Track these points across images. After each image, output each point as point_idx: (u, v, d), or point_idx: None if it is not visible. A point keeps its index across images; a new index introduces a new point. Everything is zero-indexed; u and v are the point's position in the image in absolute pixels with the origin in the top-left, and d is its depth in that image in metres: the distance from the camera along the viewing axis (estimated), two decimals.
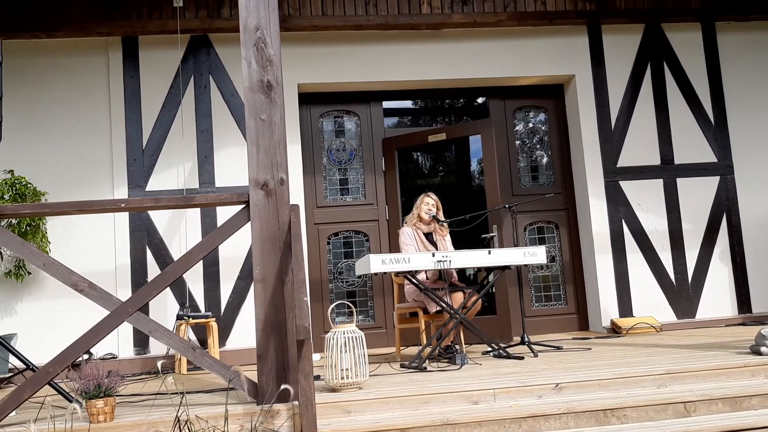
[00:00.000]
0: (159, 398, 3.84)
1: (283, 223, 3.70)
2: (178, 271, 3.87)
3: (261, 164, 3.73)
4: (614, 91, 6.89)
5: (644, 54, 6.95)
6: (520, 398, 3.57)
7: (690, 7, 6.86)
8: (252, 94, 3.76)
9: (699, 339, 5.38)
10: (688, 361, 4.05)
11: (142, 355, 6.02)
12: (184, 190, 6.23)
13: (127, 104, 6.28)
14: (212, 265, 6.18)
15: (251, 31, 3.78)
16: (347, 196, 6.94)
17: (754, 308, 6.78)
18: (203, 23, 6.26)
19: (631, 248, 6.71)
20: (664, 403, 3.44)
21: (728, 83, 7.01)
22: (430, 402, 3.53)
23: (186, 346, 3.83)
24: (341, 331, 3.88)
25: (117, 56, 6.32)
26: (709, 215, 6.86)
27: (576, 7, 6.72)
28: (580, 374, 3.82)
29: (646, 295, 6.67)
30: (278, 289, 3.64)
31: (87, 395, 3.35)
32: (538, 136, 7.27)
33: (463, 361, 4.65)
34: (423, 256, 4.83)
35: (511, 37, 6.81)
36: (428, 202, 5.59)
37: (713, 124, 6.95)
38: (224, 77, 6.42)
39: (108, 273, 6.04)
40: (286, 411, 3.37)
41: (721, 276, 6.80)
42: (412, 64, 6.70)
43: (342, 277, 6.83)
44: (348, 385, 3.78)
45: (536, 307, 6.98)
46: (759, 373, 3.82)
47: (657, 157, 6.87)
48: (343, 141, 7.00)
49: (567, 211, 7.10)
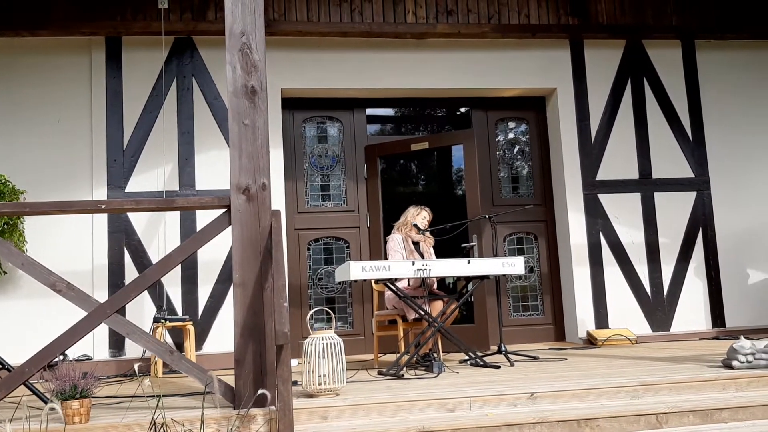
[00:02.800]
0: (135, 401, 3.82)
1: (264, 229, 3.70)
2: (157, 274, 3.86)
3: (243, 169, 3.74)
4: (595, 105, 6.98)
5: (625, 69, 7.05)
6: (496, 407, 3.60)
7: (670, 24, 6.98)
8: (236, 98, 3.77)
9: (673, 352, 5.45)
10: (661, 374, 4.11)
11: (117, 357, 5.97)
12: (164, 191, 6.20)
13: (108, 104, 6.25)
14: (190, 268, 6.15)
15: (237, 37, 3.79)
16: (329, 203, 6.95)
17: (728, 322, 6.88)
18: (188, 26, 6.25)
19: (608, 260, 6.79)
20: (636, 415, 3.48)
21: (706, 100, 7.13)
22: (406, 409, 3.55)
23: (163, 349, 3.82)
24: (320, 337, 3.89)
25: (100, 56, 6.29)
26: (686, 230, 6.96)
27: (559, 21, 6.81)
28: (555, 384, 3.86)
29: (622, 307, 6.74)
30: (257, 294, 3.64)
31: (62, 396, 3.33)
32: (519, 147, 7.34)
33: (441, 369, 4.68)
34: (403, 264, 4.86)
35: (495, 48, 6.88)
36: (425, 215, 5.68)
37: (691, 140, 7.06)
38: (207, 80, 6.41)
39: (85, 273, 5.99)
40: (263, 416, 3.37)
41: (696, 290, 6.90)
42: (396, 73, 6.73)
43: (321, 283, 6.83)
44: (325, 391, 3.78)
45: (514, 317, 7.03)
46: (730, 386, 3.88)
47: (635, 171, 6.96)
48: (325, 147, 7.01)
49: (546, 222, 7.17)
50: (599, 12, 6.87)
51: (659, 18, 6.96)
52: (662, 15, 6.97)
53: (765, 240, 7.03)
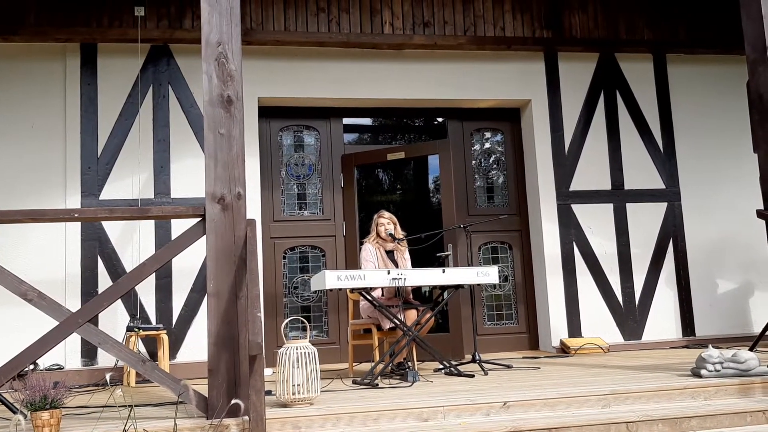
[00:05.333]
0: (106, 411, 3.78)
1: (239, 238, 3.71)
2: (131, 282, 3.85)
3: (218, 178, 3.74)
4: (568, 117, 7.07)
5: (598, 82, 7.16)
6: (469, 416, 3.62)
7: (642, 38, 7.11)
8: (212, 108, 3.77)
9: (644, 360, 5.52)
10: (631, 382, 4.16)
11: (89, 366, 5.91)
12: (139, 200, 6.16)
13: (83, 111, 6.20)
14: (164, 277, 6.11)
15: (213, 46, 3.79)
16: (305, 211, 6.95)
17: (698, 332, 6.99)
18: (164, 33, 6.23)
19: (581, 270, 6.87)
20: (607, 423, 3.52)
21: (677, 113, 7.27)
22: (379, 419, 3.56)
23: (136, 359, 3.80)
24: (294, 346, 3.89)
25: (75, 63, 6.24)
26: (657, 240, 7.07)
27: (534, 34, 6.90)
28: (528, 393, 3.90)
29: (595, 316, 6.82)
30: (232, 304, 3.64)
31: (32, 407, 3.28)
32: (495, 156, 7.41)
33: (415, 378, 4.70)
34: (378, 273, 4.88)
35: (471, 60, 6.95)
36: (382, 222, 5.65)
37: (662, 152, 7.19)
38: (184, 88, 6.39)
39: (57, 282, 5.92)
40: (236, 426, 3.36)
41: (666, 299, 7.00)
42: (373, 83, 6.77)
43: (297, 292, 6.82)
44: (299, 400, 3.78)
45: (488, 326, 7.08)
46: (698, 395, 3.95)
47: (608, 182, 7.06)
48: (302, 155, 7.02)
49: (520, 232, 7.24)
50: (573, 26, 6.98)
51: (631, 32, 7.09)
52: (634, 29, 7.10)
53: (734, 250, 7.16)
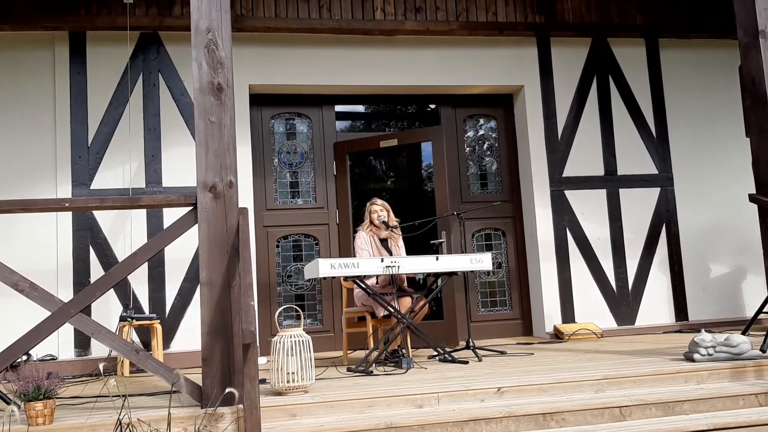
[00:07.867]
0: (100, 401, 3.77)
1: (231, 227, 3.69)
2: (123, 272, 3.82)
3: (210, 166, 3.71)
4: (561, 103, 7.06)
5: (591, 68, 7.14)
6: (463, 402, 3.63)
7: (635, 23, 7.09)
8: (202, 96, 3.74)
9: (637, 345, 5.54)
10: (625, 367, 4.18)
11: (83, 357, 5.90)
12: (131, 189, 6.13)
13: (72, 100, 6.15)
14: (157, 266, 6.09)
15: (202, 33, 3.75)
16: (298, 199, 6.93)
17: (691, 316, 7.02)
18: (153, 21, 6.17)
19: (574, 256, 6.88)
20: (600, 408, 3.54)
21: (670, 98, 7.26)
22: (374, 405, 3.57)
23: (129, 348, 3.78)
24: (288, 334, 3.88)
25: (63, 51, 6.18)
26: (650, 225, 7.09)
27: (526, 20, 6.87)
28: (522, 379, 3.91)
29: (588, 301, 6.85)
30: (225, 293, 3.62)
31: (26, 397, 3.27)
32: (488, 143, 7.40)
33: (409, 365, 4.71)
34: (372, 261, 4.87)
35: (463, 46, 6.91)
36: (375, 209, 5.64)
37: (655, 137, 7.19)
38: (174, 76, 6.34)
39: (49, 272, 5.89)
40: (231, 414, 3.36)
41: (659, 284, 7.03)
42: (365, 69, 6.73)
43: (291, 280, 6.81)
44: (294, 388, 3.78)
45: (482, 312, 7.09)
46: (691, 379, 3.97)
47: (601, 168, 7.07)
48: (294, 143, 6.99)
49: (514, 218, 7.24)
50: (565, 10, 6.95)
51: (624, 17, 7.06)
52: (627, 14, 7.07)
53: (726, 235, 7.18)
